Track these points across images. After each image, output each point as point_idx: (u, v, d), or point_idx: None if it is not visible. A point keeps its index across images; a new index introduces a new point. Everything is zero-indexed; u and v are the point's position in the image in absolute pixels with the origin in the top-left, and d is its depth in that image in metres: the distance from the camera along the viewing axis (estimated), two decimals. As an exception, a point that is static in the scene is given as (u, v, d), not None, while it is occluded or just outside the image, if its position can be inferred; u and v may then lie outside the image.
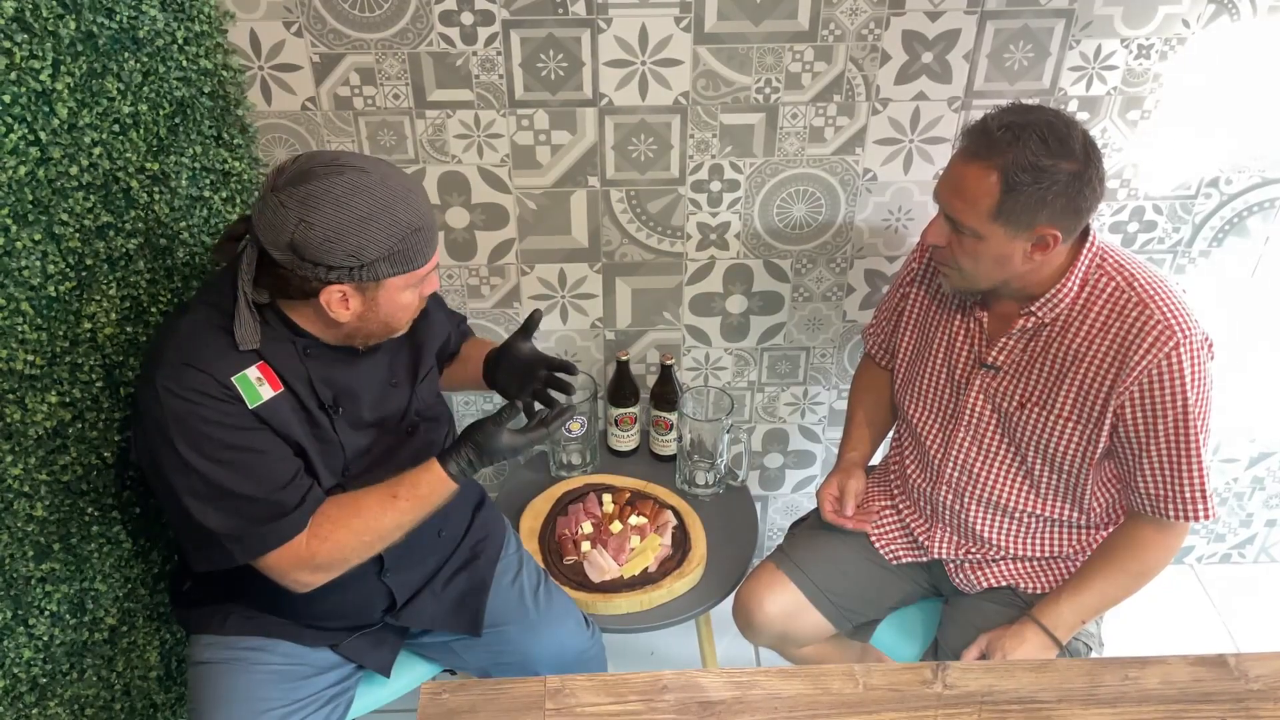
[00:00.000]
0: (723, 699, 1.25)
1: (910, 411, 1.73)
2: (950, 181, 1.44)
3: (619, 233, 1.96)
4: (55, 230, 1.29)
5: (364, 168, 1.25)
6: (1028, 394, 1.56)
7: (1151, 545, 1.56)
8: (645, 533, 1.88)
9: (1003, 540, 1.68)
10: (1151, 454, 1.49)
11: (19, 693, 1.31)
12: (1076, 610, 1.58)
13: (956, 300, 1.62)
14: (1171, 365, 1.42)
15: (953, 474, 1.67)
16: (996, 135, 1.37)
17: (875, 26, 1.73)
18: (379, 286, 1.30)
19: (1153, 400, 1.45)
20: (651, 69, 1.76)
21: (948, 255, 1.49)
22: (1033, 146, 1.35)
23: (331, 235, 1.22)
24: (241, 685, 1.48)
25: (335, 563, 1.38)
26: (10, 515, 1.26)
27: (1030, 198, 1.37)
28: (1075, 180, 1.37)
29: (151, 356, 1.34)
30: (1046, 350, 1.53)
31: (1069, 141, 1.36)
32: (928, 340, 1.68)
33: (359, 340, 1.40)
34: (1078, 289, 1.49)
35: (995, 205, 1.38)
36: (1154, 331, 1.42)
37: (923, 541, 1.74)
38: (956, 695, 1.27)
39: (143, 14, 1.45)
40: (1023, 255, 1.43)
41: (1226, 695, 1.27)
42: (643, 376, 2.16)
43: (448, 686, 1.26)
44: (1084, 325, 1.49)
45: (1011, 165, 1.36)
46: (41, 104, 1.24)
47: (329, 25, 1.69)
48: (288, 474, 1.35)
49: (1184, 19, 1.74)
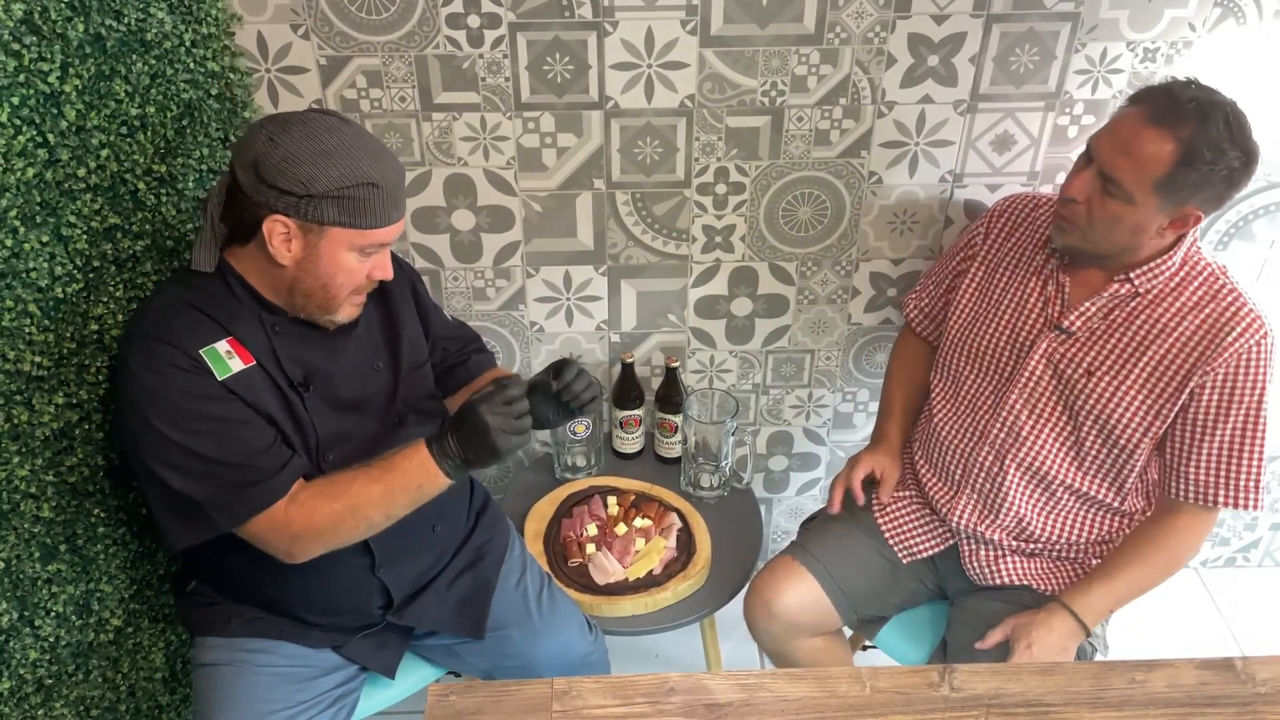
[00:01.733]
0: (729, 701, 1.25)
1: (961, 370, 1.72)
2: (1119, 139, 1.42)
3: (624, 235, 1.96)
4: (63, 232, 1.29)
5: (349, 120, 1.32)
6: (1098, 362, 1.56)
7: (1183, 533, 1.57)
8: (650, 535, 1.88)
9: (1029, 510, 1.66)
10: (1217, 437, 1.50)
11: (25, 693, 1.31)
12: (1106, 597, 1.58)
13: (1035, 263, 1.63)
14: (1260, 353, 1.46)
15: (998, 434, 1.66)
16: (1186, 106, 1.37)
17: (881, 30, 1.73)
18: (322, 234, 1.30)
19: (1235, 384, 1.48)
20: (657, 72, 1.76)
21: (1080, 213, 1.48)
22: (1219, 127, 1.36)
23: (290, 157, 1.26)
24: (246, 687, 1.48)
25: (310, 532, 1.35)
26: (17, 516, 1.27)
27: (1200, 176, 1.37)
28: (1240, 171, 1.39)
29: (125, 336, 1.37)
30: (1130, 320, 1.53)
31: (1247, 131, 1.38)
32: (993, 302, 1.68)
33: (299, 303, 1.38)
34: (1179, 266, 1.50)
35: (1164, 175, 1.38)
36: (1247, 318, 1.46)
37: (943, 513, 1.73)
38: (963, 698, 1.26)
39: (151, 17, 1.45)
40: (1158, 229, 1.45)
41: (1233, 699, 1.27)
42: (648, 379, 2.16)
43: (454, 688, 1.26)
44: (1176, 302, 1.50)
45: (1196, 140, 1.36)
46: (50, 106, 1.25)
47: (336, 28, 1.70)
48: (264, 441, 1.35)
49: (1190, 23, 1.74)
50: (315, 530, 1.36)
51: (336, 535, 1.38)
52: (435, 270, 1.98)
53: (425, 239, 1.94)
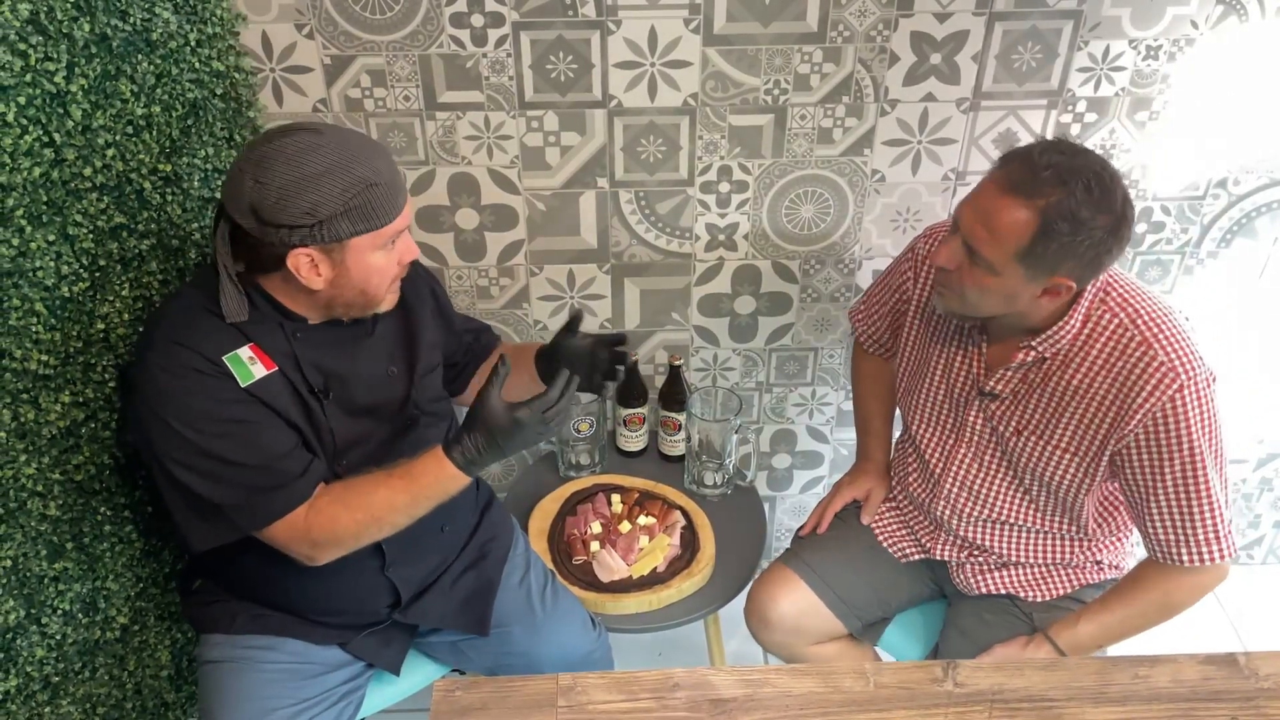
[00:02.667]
0: (734, 697, 1.26)
1: (912, 422, 1.73)
2: (979, 210, 1.36)
3: (628, 234, 1.96)
4: (69, 231, 1.30)
5: (318, 129, 1.27)
6: (1025, 422, 1.54)
7: (1173, 585, 1.52)
8: (654, 533, 1.88)
9: (1002, 547, 1.67)
10: (1160, 498, 1.45)
11: (32, 691, 1.32)
12: (1094, 636, 1.56)
13: (955, 322, 1.58)
14: (1176, 408, 1.38)
15: (952, 489, 1.66)
16: (1042, 174, 1.30)
17: (884, 28, 1.74)
18: (344, 248, 1.29)
19: (1158, 444, 1.41)
20: (661, 70, 1.77)
21: (954, 280, 1.42)
22: (1078, 195, 1.28)
23: (284, 193, 1.23)
24: (251, 684, 1.49)
25: (330, 540, 1.37)
26: (24, 514, 1.27)
27: (1061, 247, 1.31)
28: (1108, 236, 1.31)
29: (142, 338, 1.36)
30: (1046, 382, 1.49)
31: (1111, 196, 1.31)
32: (927, 356, 1.66)
33: (340, 312, 1.38)
34: (1080, 325, 1.44)
35: (1024, 246, 1.32)
36: (1158, 373, 1.38)
37: (926, 544, 1.75)
38: (967, 693, 1.27)
39: (156, 16, 1.46)
40: (1030, 297, 1.39)
41: (1236, 694, 1.27)
42: (651, 377, 2.17)
43: (460, 684, 1.26)
44: (1085, 361, 1.45)
45: (1052, 210, 1.29)
46: (56, 106, 1.25)
47: (340, 27, 1.70)
48: (286, 444, 1.35)
49: (1192, 20, 1.74)
50: (338, 539, 1.37)
51: (359, 541, 1.40)
52: (439, 269, 1.99)
53: (429, 238, 1.95)
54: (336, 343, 1.43)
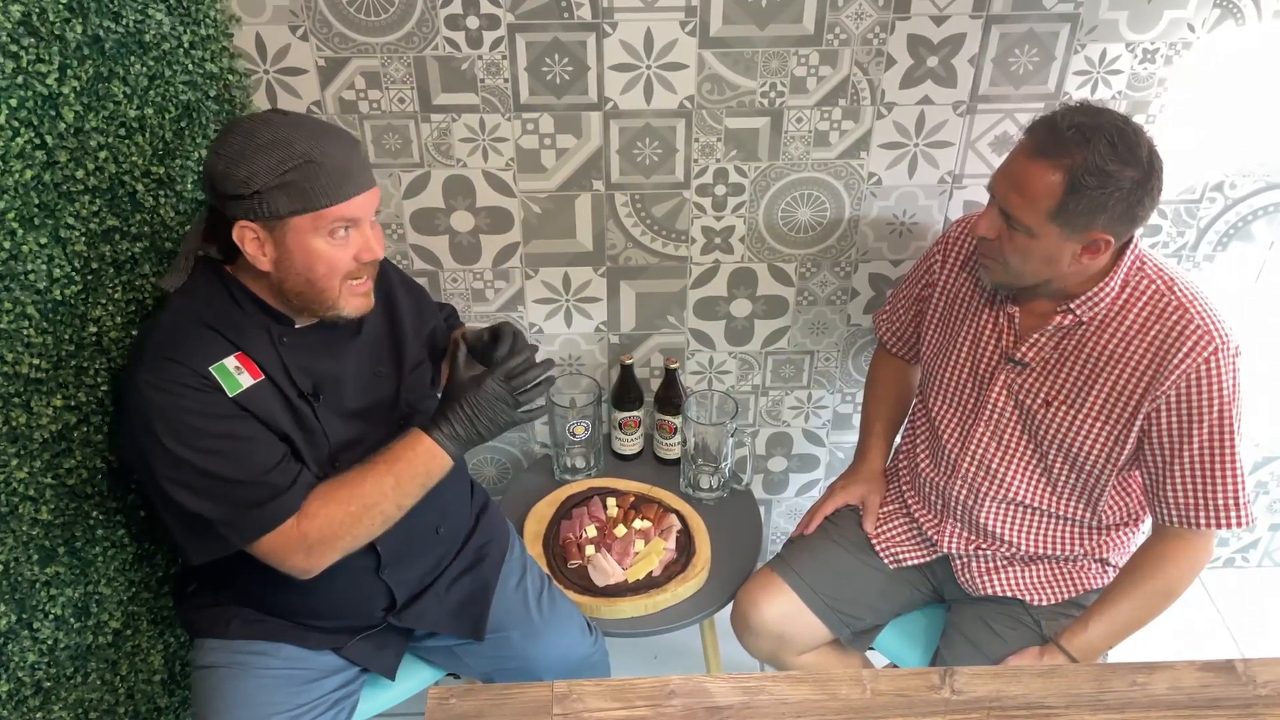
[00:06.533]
0: (730, 704, 1.25)
1: (932, 403, 1.73)
2: (1010, 176, 1.43)
3: (623, 236, 1.96)
4: (61, 234, 1.29)
5: (285, 111, 1.32)
6: (1055, 392, 1.55)
7: (1176, 559, 1.54)
8: (649, 536, 1.88)
9: (1013, 535, 1.67)
10: (1185, 460, 1.48)
11: (23, 696, 1.31)
12: (1105, 636, 1.57)
13: (986, 294, 1.62)
14: (1210, 369, 1.43)
15: (969, 469, 1.67)
16: (1065, 135, 1.36)
17: (880, 31, 1.73)
18: (285, 228, 1.29)
19: (1189, 404, 1.45)
20: (656, 73, 1.76)
21: (995, 249, 1.48)
22: (1101, 150, 1.34)
23: (230, 162, 1.26)
24: (245, 689, 1.48)
25: (326, 539, 1.36)
26: (15, 519, 1.26)
27: (1092, 201, 1.36)
28: (1137, 188, 1.37)
29: (133, 353, 1.36)
30: (1080, 349, 1.52)
31: (1136, 149, 1.36)
32: (952, 333, 1.68)
33: (295, 302, 1.37)
34: (1118, 290, 1.49)
35: (1055, 205, 1.38)
36: (1194, 335, 1.43)
37: (931, 537, 1.74)
38: (964, 700, 1.26)
39: (149, 18, 1.45)
40: (1071, 256, 1.44)
41: (1234, 701, 1.27)
42: (647, 380, 2.16)
43: (455, 691, 1.26)
44: (1122, 326, 1.49)
45: (1078, 167, 1.35)
46: (48, 108, 1.24)
47: (334, 29, 1.69)
48: (274, 457, 1.35)
49: (1189, 23, 1.74)
50: (333, 536, 1.36)
51: (355, 538, 1.39)
52: (434, 271, 1.98)
53: (424, 240, 1.94)
54: (324, 345, 1.43)
